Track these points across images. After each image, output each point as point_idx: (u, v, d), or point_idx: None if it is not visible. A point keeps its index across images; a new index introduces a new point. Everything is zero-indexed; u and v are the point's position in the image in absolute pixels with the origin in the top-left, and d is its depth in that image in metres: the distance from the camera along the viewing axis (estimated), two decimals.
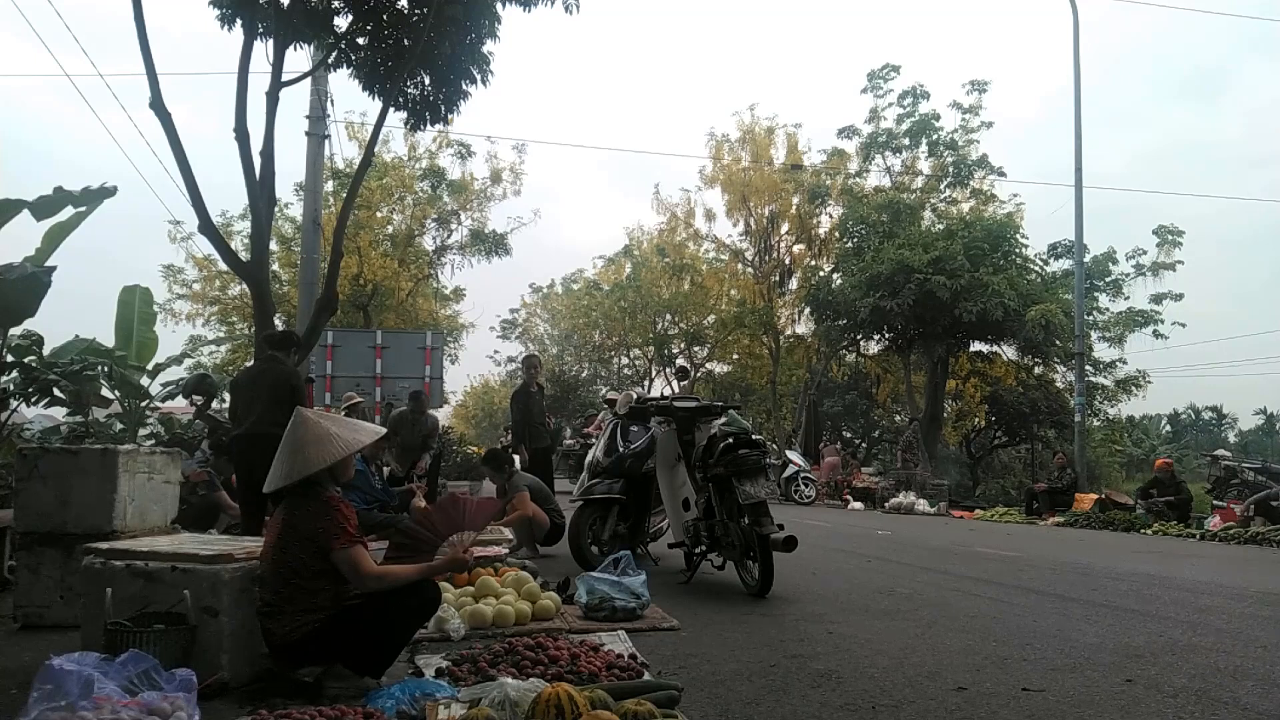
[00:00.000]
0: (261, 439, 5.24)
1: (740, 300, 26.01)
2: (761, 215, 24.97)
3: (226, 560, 3.27)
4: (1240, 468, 13.48)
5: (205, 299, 22.15)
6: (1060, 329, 17.65)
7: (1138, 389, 22.54)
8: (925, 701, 3.05)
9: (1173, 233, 20.96)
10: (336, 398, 11.98)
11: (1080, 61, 16.81)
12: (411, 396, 8.94)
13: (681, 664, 3.54)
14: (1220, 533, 11.04)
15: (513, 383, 48.27)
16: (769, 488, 9.78)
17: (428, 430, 8.20)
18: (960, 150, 22.39)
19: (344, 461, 3.19)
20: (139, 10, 6.69)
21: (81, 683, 2.35)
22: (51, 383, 8.91)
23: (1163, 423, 64.91)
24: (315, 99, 11.66)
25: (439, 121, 8.42)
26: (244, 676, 3.17)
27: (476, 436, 43.48)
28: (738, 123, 25.41)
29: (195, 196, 7.00)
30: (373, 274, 20.90)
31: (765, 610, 4.81)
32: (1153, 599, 5.44)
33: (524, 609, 4.27)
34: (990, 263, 18.64)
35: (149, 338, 11.74)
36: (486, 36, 7.84)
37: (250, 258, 7.51)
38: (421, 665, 3.38)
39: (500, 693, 2.52)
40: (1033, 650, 3.86)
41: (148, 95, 6.73)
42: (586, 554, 6.24)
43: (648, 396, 7.58)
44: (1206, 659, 3.75)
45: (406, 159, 22.35)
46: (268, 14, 7.25)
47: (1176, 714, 2.93)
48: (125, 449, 4.60)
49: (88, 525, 4.23)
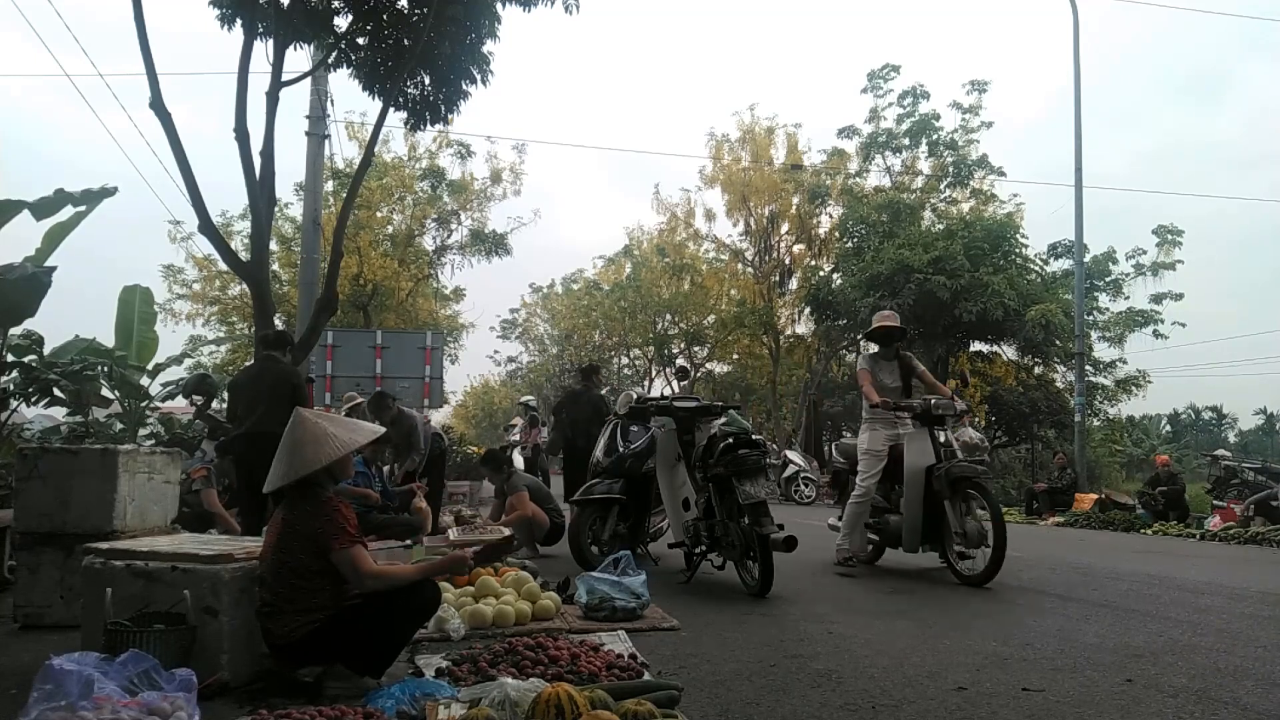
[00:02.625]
0: (262, 438, 5.24)
1: (740, 300, 26.01)
2: (761, 215, 24.97)
3: (226, 560, 3.27)
4: (1240, 468, 13.49)
5: (205, 299, 22.14)
6: (1060, 329, 17.65)
7: (1138, 389, 22.52)
8: (925, 701, 3.05)
9: (1172, 232, 20.96)
10: (336, 398, 11.97)
11: (1080, 61, 16.83)
12: (370, 402, 8.28)
13: (681, 664, 3.54)
14: (1220, 533, 11.04)
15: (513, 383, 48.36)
16: (769, 488, 9.77)
17: (405, 429, 8.11)
18: (960, 150, 22.39)
19: (342, 461, 3.19)
20: (139, 10, 6.69)
21: (81, 683, 2.35)
22: (51, 383, 8.92)
23: (1163, 423, 64.88)
24: (315, 99, 11.66)
25: (439, 121, 8.43)
26: (244, 676, 3.17)
27: (476, 436, 43.48)
28: (738, 123, 25.47)
29: (195, 196, 7.00)
30: (373, 274, 20.90)
31: (765, 610, 4.81)
32: (1153, 599, 5.45)
33: (524, 609, 4.27)
34: (990, 263, 18.64)
35: (149, 338, 11.75)
36: (486, 36, 7.85)
37: (250, 258, 7.51)
38: (421, 665, 3.38)
39: (500, 693, 2.52)
40: (1033, 650, 3.86)
41: (148, 95, 6.74)
42: (586, 554, 6.23)
43: (648, 396, 7.57)
44: (1206, 659, 3.75)
45: (406, 159, 22.35)
46: (268, 14, 7.26)
47: (1176, 714, 2.93)
48: (125, 449, 4.60)
49: (88, 525, 4.23)
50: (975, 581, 5.71)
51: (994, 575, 5.65)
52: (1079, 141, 16.49)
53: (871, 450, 6.32)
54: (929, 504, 5.96)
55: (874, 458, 6.30)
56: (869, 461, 6.31)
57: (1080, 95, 16.50)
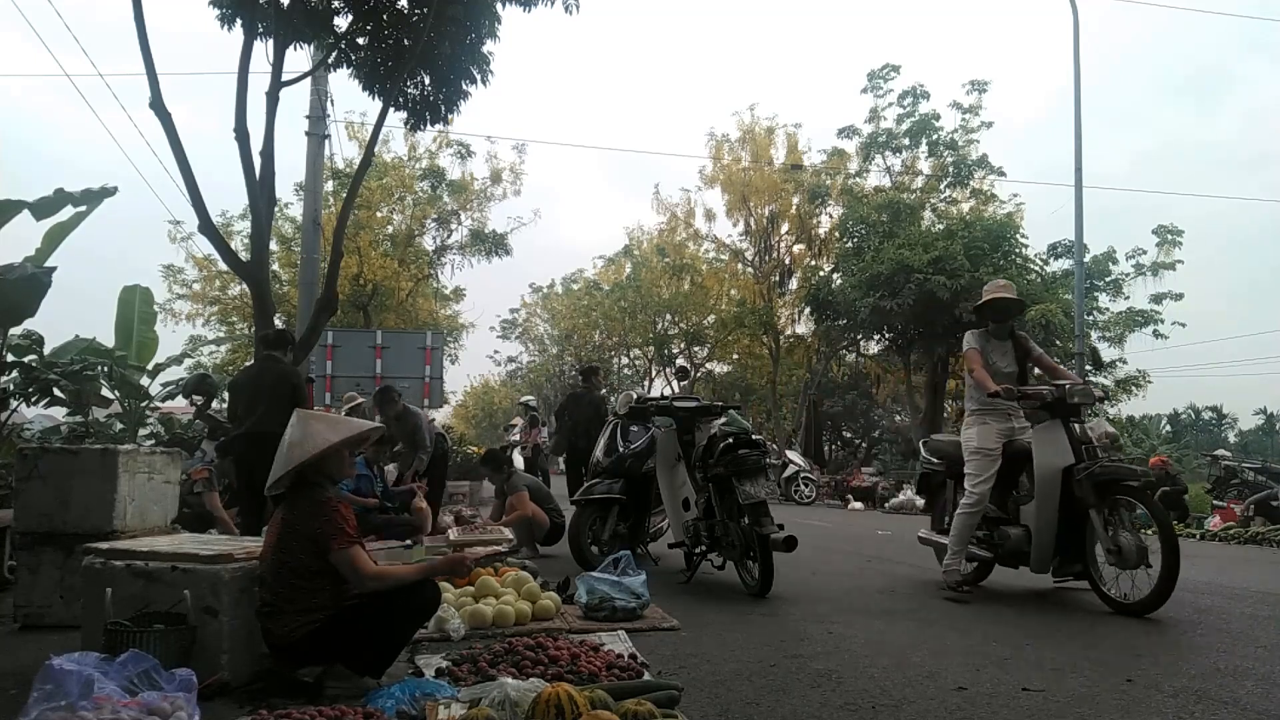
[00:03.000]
0: (262, 438, 5.23)
1: (740, 300, 26.01)
2: (761, 215, 24.97)
3: (226, 560, 3.27)
4: (1240, 468, 13.50)
5: (205, 299, 22.15)
6: (1060, 329, 17.64)
7: (1138, 389, 22.52)
8: (925, 701, 3.05)
9: (1172, 232, 20.95)
10: (336, 398, 11.97)
11: (1080, 61, 16.76)
12: (376, 396, 8.30)
13: (681, 664, 3.54)
14: (1220, 533, 11.04)
15: (513, 383, 48.37)
16: (769, 488, 9.78)
17: (410, 427, 8.12)
18: (960, 150, 22.38)
19: (332, 459, 3.19)
20: (139, 10, 6.69)
21: (81, 683, 2.35)
22: (51, 383, 8.92)
23: (1163, 423, 64.84)
24: (315, 99, 11.65)
25: (439, 121, 8.43)
26: (244, 676, 3.17)
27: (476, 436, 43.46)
28: (738, 123, 25.46)
29: (195, 196, 7.00)
30: (373, 274, 20.90)
31: (765, 610, 4.81)
32: None
33: (524, 609, 4.27)
34: (990, 263, 18.62)
35: (149, 338, 11.75)
36: (486, 36, 7.85)
37: (250, 258, 7.51)
38: (421, 665, 3.38)
39: (500, 693, 2.52)
40: (1033, 650, 3.86)
41: (148, 95, 6.73)
42: (586, 554, 6.24)
43: (647, 396, 7.57)
44: (1207, 659, 3.75)
45: (406, 159, 22.36)
46: (268, 14, 7.25)
47: (1177, 714, 2.93)
48: (125, 449, 4.60)
49: (88, 525, 4.24)
50: (1135, 610, 4.69)
51: (1162, 602, 4.60)
52: (1079, 141, 16.48)
53: (984, 448, 5.30)
54: (1066, 513, 4.98)
55: (987, 457, 5.28)
56: (981, 462, 5.28)
57: (1080, 95, 16.49)
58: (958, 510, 5.42)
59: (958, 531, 5.38)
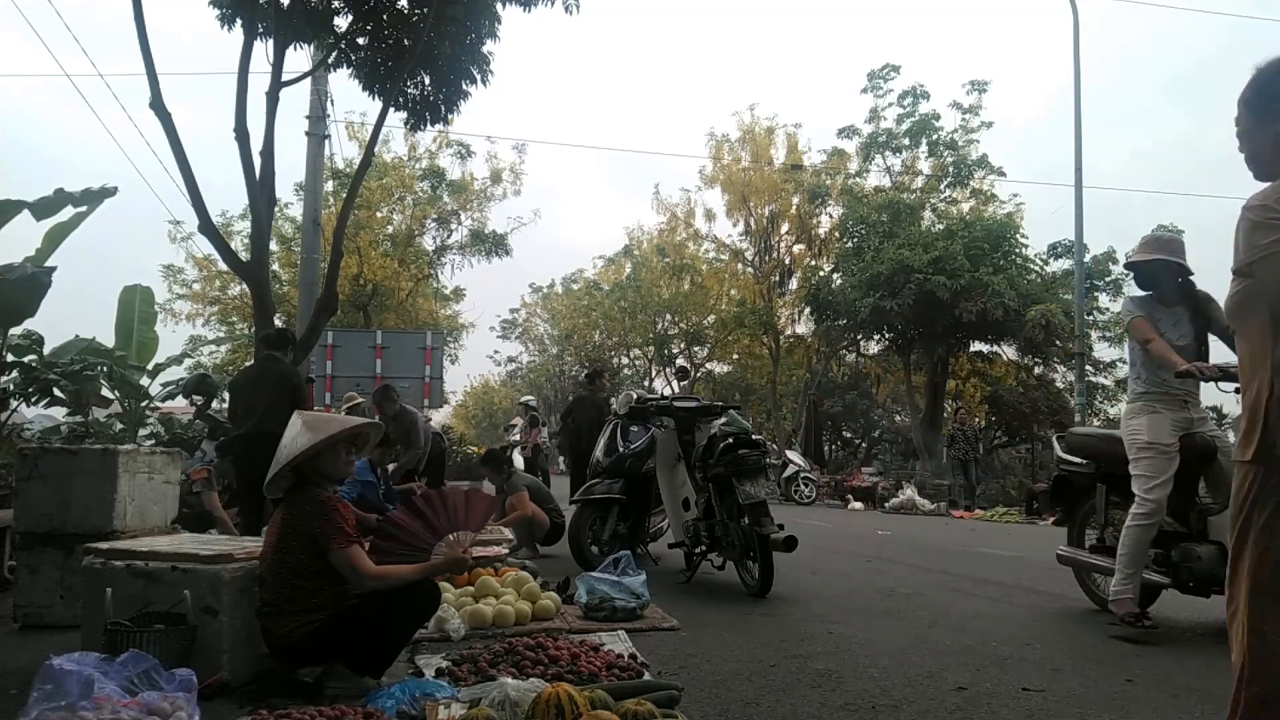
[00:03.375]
0: (262, 439, 5.23)
1: (740, 300, 26.03)
2: (761, 215, 24.97)
3: (226, 560, 3.27)
4: None
5: (205, 299, 22.17)
6: (1060, 329, 17.65)
7: None
8: (925, 701, 3.05)
9: (1172, 232, 20.98)
10: (336, 398, 11.98)
11: (1080, 61, 16.78)
12: (376, 394, 8.47)
13: (681, 664, 3.54)
14: None
15: (513, 383, 48.37)
16: (769, 488, 9.78)
17: (405, 426, 8.17)
18: (960, 150, 22.39)
19: (326, 458, 3.19)
20: (139, 10, 6.69)
21: (81, 683, 2.35)
22: (51, 383, 8.91)
23: None
24: (315, 99, 11.66)
25: (439, 121, 8.44)
26: (244, 676, 3.17)
27: (476, 436, 43.48)
28: (738, 123, 25.47)
29: (195, 196, 7.00)
30: (373, 274, 20.93)
31: (765, 610, 4.81)
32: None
33: (524, 609, 4.27)
34: (990, 263, 18.63)
35: (149, 338, 11.74)
36: (486, 36, 7.86)
37: (250, 258, 7.51)
38: (421, 665, 3.38)
39: (500, 693, 2.52)
40: (1033, 650, 3.86)
41: (148, 95, 6.74)
42: (586, 554, 6.24)
43: (647, 396, 7.58)
44: (1207, 658, 3.74)
45: (406, 159, 22.39)
46: (268, 14, 7.26)
47: (1178, 714, 2.93)
48: (125, 449, 4.60)
49: (88, 525, 4.23)
50: None
51: None
52: (1079, 141, 16.48)
53: (1157, 443, 4.20)
54: None
55: (1162, 455, 4.18)
56: (1155, 461, 4.19)
57: (1080, 95, 16.50)
58: (1128, 523, 4.30)
59: (1129, 549, 4.22)
